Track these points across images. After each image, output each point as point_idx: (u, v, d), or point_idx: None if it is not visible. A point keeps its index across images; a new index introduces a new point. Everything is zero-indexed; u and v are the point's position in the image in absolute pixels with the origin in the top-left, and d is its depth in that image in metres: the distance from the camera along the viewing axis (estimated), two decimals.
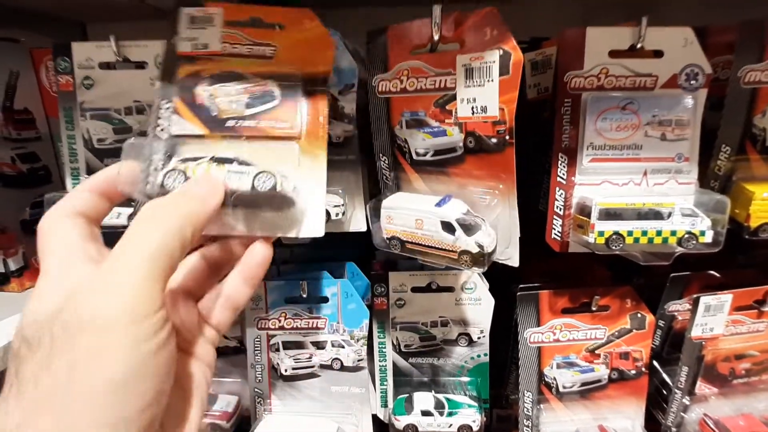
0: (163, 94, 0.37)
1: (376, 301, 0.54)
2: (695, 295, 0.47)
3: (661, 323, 0.55)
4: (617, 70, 0.42)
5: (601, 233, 0.41)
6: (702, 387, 0.51)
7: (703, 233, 0.41)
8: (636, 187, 0.44)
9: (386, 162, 0.43)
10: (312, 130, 0.36)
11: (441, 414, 0.53)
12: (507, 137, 0.39)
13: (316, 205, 0.33)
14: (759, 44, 0.42)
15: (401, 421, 0.52)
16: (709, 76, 0.42)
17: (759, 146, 0.45)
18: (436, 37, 0.36)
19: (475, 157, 0.40)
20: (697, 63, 0.42)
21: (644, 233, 0.41)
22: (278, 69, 0.38)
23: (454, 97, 0.39)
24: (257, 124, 0.38)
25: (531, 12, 0.65)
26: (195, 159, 0.33)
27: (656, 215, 0.41)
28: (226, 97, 0.38)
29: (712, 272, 0.54)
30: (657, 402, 0.55)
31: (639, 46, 0.41)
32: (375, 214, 0.41)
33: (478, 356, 0.55)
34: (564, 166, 0.44)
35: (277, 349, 0.52)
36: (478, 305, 0.53)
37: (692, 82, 0.42)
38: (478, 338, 0.54)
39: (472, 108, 0.39)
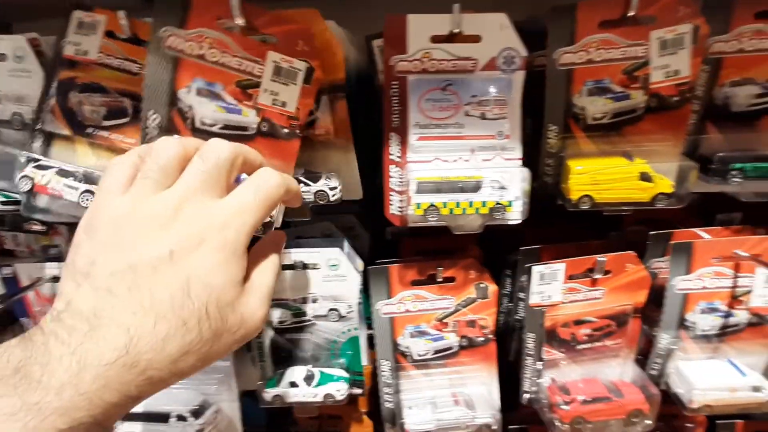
0: (48, 93, 0.46)
1: None
2: (527, 265, 0.50)
3: (521, 295, 0.59)
4: (439, 54, 0.45)
5: (418, 205, 0.44)
6: (548, 352, 0.54)
7: (510, 204, 0.44)
8: (465, 163, 0.47)
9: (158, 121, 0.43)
10: None
11: (308, 385, 0.55)
12: (297, 131, 0.43)
13: None
14: (569, 28, 0.46)
15: (269, 393, 0.55)
16: (525, 59, 0.45)
17: (581, 124, 0.49)
18: (239, 23, 0.38)
19: (266, 140, 0.43)
20: (513, 47, 0.45)
21: (458, 204, 0.44)
22: (135, 88, 0.46)
23: (257, 84, 0.42)
24: (109, 135, 0.45)
25: None
26: (45, 167, 0.44)
27: (468, 188, 0.44)
28: (90, 106, 0.45)
29: (567, 244, 0.58)
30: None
31: (457, 31, 0.44)
32: None
33: (349, 330, 0.58)
34: (397, 145, 0.47)
35: None
36: (344, 281, 0.56)
37: (509, 64, 0.46)
38: (348, 313, 0.57)
39: (273, 100, 0.42)
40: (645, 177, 0.46)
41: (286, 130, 0.44)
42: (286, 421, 0.68)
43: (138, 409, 0.51)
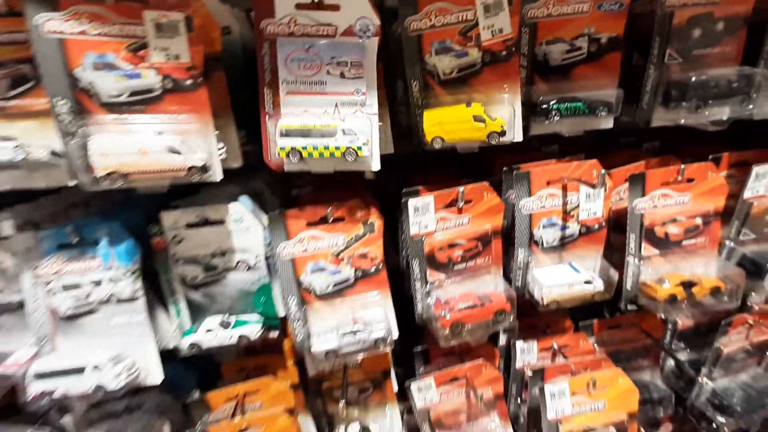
0: None
1: (155, 241, 0.60)
2: (403, 199, 0.60)
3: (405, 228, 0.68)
4: (304, 20, 0.52)
5: (282, 148, 0.51)
6: (432, 275, 0.64)
7: (360, 148, 0.52)
8: (330, 116, 0.54)
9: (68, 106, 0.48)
10: None
11: (225, 329, 0.61)
12: (200, 80, 0.49)
13: None
14: None
15: (186, 341, 0.60)
16: (378, 27, 0.53)
17: (437, 80, 0.59)
18: None
19: (174, 96, 0.49)
20: (367, 16, 0.52)
21: (315, 148, 0.52)
22: (29, 53, 0.47)
23: (145, 44, 0.47)
24: (19, 103, 0.46)
25: None
26: None
27: (325, 134, 0.52)
28: None
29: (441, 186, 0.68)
30: None
31: (318, 0, 0.52)
32: None
33: (259, 279, 0.64)
34: (270, 99, 0.53)
35: (55, 293, 0.57)
36: (248, 233, 0.62)
37: (365, 32, 0.53)
38: (256, 263, 0.63)
39: (166, 55, 0.47)
40: (477, 119, 0.57)
41: (189, 82, 0.49)
42: (215, 384, 0.72)
43: (53, 365, 0.54)
